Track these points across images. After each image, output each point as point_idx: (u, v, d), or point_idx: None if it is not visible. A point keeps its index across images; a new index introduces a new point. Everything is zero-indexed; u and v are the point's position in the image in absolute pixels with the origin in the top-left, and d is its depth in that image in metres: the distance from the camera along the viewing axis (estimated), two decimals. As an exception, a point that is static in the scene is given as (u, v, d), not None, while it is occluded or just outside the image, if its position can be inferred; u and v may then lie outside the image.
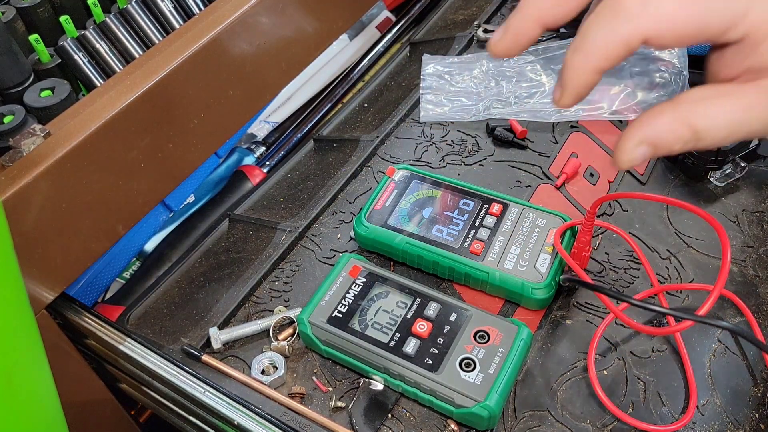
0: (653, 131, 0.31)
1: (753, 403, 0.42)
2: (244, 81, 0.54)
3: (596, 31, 0.31)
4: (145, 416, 0.63)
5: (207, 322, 0.49)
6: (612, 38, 0.31)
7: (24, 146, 0.42)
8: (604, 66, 0.32)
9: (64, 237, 0.44)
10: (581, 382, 0.43)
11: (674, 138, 0.31)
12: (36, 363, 0.35)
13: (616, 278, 0.49)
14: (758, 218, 0.51)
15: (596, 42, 0.31)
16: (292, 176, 0.62)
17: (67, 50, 0.51)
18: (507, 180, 0.56)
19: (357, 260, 0.48)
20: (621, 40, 0.30)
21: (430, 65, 0.66)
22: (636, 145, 0.32)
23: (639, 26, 0.30)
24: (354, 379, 0.45)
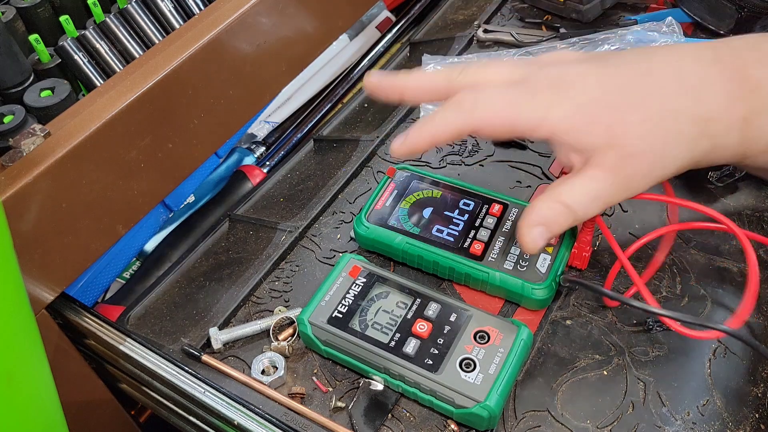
0: (538, 214, 0.41)
1: (753, 403, 0.42)
2: (244, 81, 0.54)
3: (441, 116, 0.43)
4: (145, 416, 0.63)
5: (207, 322, 0.49)
6: (449, 125, 0.42)
7: (24, 146, 0.42)
8: (438, 141, 0.43)
9: (64, 237, 0.44)
10: (581, 382, 0.43)
11: (556, 215, 0.41)
12: (36, 363, 0.35)
13: (616, 278, 0.48)
14: (758, 218, 0.51)
15: (439, 123, 0.43)
16: (292, 176, 0.62)
17: (67, 50, 0.51)
18: (507, 180, 0.56)
19: (357, 260, 0.48)
20: (455, 127, 0.42)
21: (430, 65, 0.66)
22: (530, 228, 0.41)
23: (468, 121, 0.42)
24: (354, 380, 0.45)
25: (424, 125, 0.43)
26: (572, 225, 0.41)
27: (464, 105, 0.42)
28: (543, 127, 0.40)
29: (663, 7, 0.69)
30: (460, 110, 0.42)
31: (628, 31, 0.62)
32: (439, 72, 0.46)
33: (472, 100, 0.42)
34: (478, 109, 0.42)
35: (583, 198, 0.40)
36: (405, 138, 0.44)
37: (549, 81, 0.41)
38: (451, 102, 0.43)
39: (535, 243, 0.41)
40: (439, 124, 0.43)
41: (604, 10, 0.68)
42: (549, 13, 0.71)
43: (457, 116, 0.42)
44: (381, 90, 0.46)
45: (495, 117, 0.41)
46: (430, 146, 0.44)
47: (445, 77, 0.45)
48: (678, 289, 0.47)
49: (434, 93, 0.45)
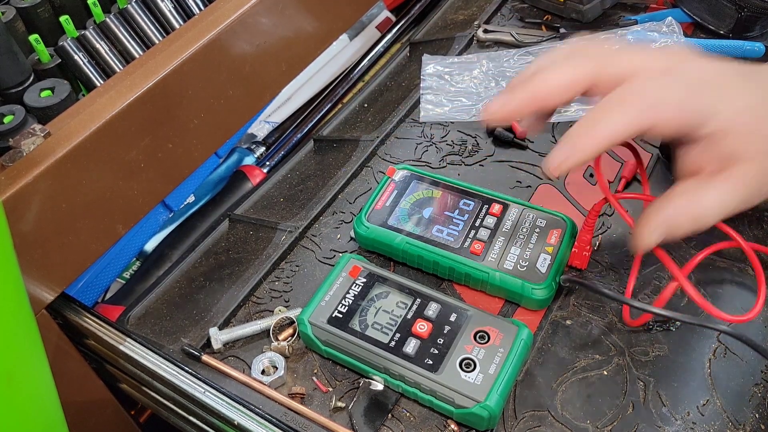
0: (668, 216, 0.38)
1: (753, 403, 0.42)
2: (244, 81, 0.54)
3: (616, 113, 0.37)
4: (145, 416, 0.63)
5: (207, 323, 0.49)
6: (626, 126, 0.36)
7: (24, 146, 0.42)
8: (613, 144, 0.37)
9: (64, 237, 0.44)
10: (581, 382, 0.43)
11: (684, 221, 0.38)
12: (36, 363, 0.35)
13: (616, 278, 0.48)
14: (758, 218, 0.51)
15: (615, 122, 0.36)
16: (292, 176, 0.62)
17: (67, 50, 0.51)
18: (507, 180, 0.56)
19: (357, 260, 0.48)
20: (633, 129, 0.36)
21: (430, 65, 0.66)
22: (657, 227, 0.38)
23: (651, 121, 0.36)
24: (354, 380, 0.45)
25: (598, 125, 0.37)
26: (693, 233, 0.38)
27: (639, 101, 0.37)
28: (709, 124, 0.37)
29: (663, 7, 0.69)
30: (635, 107, 0.37)
31: (628, 31, 0.62)
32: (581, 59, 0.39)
33: (647, 96, 0.37)
34: (656, 106, 0.37)
35: (716, 210, 0.38)
36: (571, 148, 0.37)
37: (705, 74, 0.38)
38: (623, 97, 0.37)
39: (652, 243, 0.39)
40: (618, 122, 0.37)
41: (604, 10, 0.69)
42: (549, 13, 0.71)
43: (635, 116, 0.37)
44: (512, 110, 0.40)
45: (675, 113, 0.37)
46: (601, 152, 0.38)
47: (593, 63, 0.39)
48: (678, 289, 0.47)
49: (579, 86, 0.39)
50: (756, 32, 0.62)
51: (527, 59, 0.64)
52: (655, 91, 0.37)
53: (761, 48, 0.59)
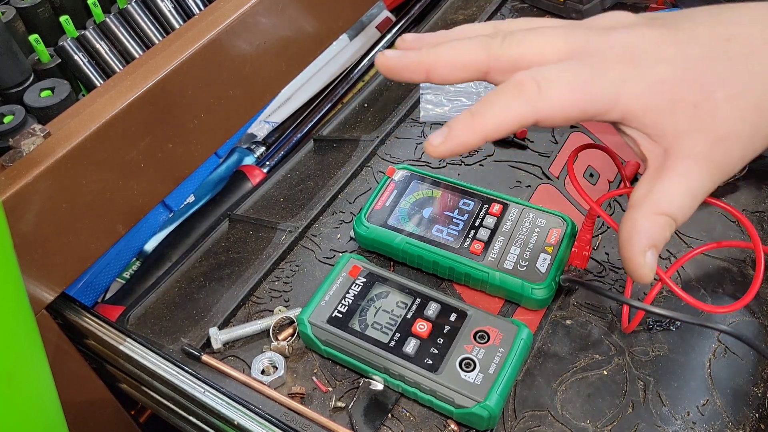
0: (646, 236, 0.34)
1: (753, 403, 0.42)
2: (244, 81, 0.54)
3: (498, 106, 0.34)
4: (145, 416, 0.63)
5: (207, 322, 0.49)
6: (510, 116, 0.34)
7: (24, 146, 0.42)
8: (493, 135, 0.35)
9: (64, 237, 0.44)
10: (581, 382, 0.43)
11: (662, 230, 0.34)
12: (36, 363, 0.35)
13: (616, 278, 0.48)
14: (758, 218, 0.51)
15: (496, 116, 0.34)
16: (292, 176, 0.62)
17: (67, 50, 0.51)
18: (507, 180, 0.56)
19: (357, 260, 0.48)
20: (517, 119, 0.34)
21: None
22: (643, 254, 0.34)
23: (535, 111, 0.34)
24: (354, 379, 0.45)
25: (476, 118, 0.35)
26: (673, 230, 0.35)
27: (526, 91, 0.34)
28: (616, 108, 0.34)
29: (663, 7, 0.68)
30: (521, 98, 0.34)
31: (628, 31, 0.62)
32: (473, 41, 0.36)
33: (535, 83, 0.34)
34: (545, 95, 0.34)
35: (684, 201, 0.34)
36: (448, 135, 0.35)
37: (618, 51, 0.34)
38: (507, 87, 0.35)
39: (652, 269, 0.35)
40: (498, 116, 0.34)
41: (603, 10, 0.68)
42: (549, 13, 0.71)
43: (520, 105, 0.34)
44: (402, 68, 0.37)
45: (564, 102, 0.34)
46: (482, 142, 0.35)
47: (482, 47, 0.36)
48: (678, 289, 0.47)
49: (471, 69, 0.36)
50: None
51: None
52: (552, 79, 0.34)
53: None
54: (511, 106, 0.34)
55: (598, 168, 0.56)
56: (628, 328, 0.45)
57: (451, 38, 0.38)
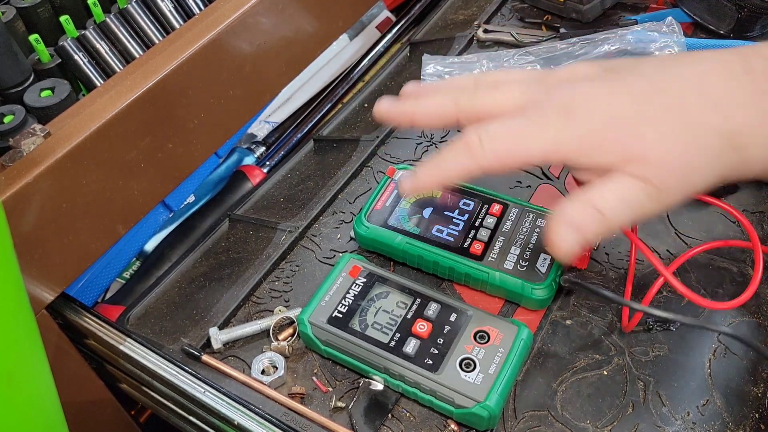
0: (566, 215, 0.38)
1: (753, 403, 0.42)
2: (244, 81, 0.54)
3: (449, 160, 0.41)
4: (145, 416, 0.63)
5: (207, 322, 0.49)
6: (458, 168, 0.40)
7: (24, 146, 0.42)
8: (448, 183, 0.41)
9: (64, 237, 0.44)
10: (581, 382, 0.43)
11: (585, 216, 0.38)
12: (36, 363, 0.35)
13: (616, 278, 0.49)
14: (758, 218, 0.51)
15: (448, 167, 0.41)
16: (292, 176, 0.62)
17: (67, 50, 0.51)
18: (507, 180, 0.56)
19: (357, 260, 0.48)
20: (464, 170, 0.40)
21: (430, 65, 0.66)
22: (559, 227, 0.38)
23: (479, 163, 0.39)
24: (354, 379, 0.45)
25: (434, 168, 0.41)
26: (606, 232, 0.38)
27: (472, 147, 0.40)
28: (554, 155, 0.39)
29: (663, 7, 0.69)
30: (468, 153, 0.40)
31: (628, 31, 0.62)
32: (447, 95, 0.43)
33: (479, 141, 0.39)
34: (486, 151, 0.39)
35: (615, 203, 0.38)
36: (414, 179, 0.42)
37: (556, 105, 0.39)
38: (457, 144, 0.41)
39: (566, 244, 0.38)
40: (449, 167, 0.41)
41: (604, 10, 0.68)
42: (549, 13, 0.71)
43: (466, 159, 0.40)
44: (391, 117, 0.44)
45: (504, 154, 0.39)
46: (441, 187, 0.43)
47: (452, 101, 0.42)
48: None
49: (443, 119, 0.43)
50: (756, 32, 0.62)
51: (527, 59, 0.64)
52: (493, 136, 0.39)
53: (761, 48, 0.59)
54: (458, 159, 0.40)
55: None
56: (628, 327, 0.45)
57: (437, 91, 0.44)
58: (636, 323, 0.44)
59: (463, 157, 0.40)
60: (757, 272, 0.41)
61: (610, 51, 0.61)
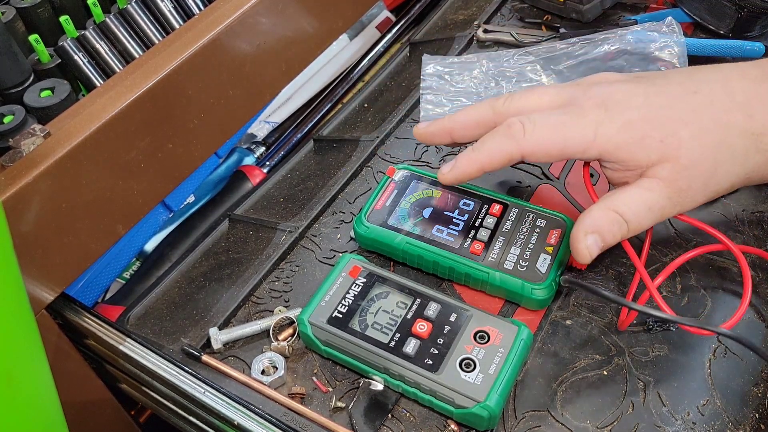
0: (593, 222, 0.41)
1: (753, 403, 0.42)
2: (244, 81, 0.54)
3: (490, 143, 0.43)
4: (145, 416, 0.63)
5: (207, 323, 0.49)
6: (499, 152, 0.42)
7: (24, 146, 0.42)
8: (488, 168, 0.43)
9: (64, 237, 0.44)
10: (581, 382, 0.43)
11: (609, 223, 0.40)
12: (36, 363, 0.35)
13: (616, 278, 0.49)
14: (758, 218, 0.51)
15: (489, 151, 0.43)
16: (292, 176, 0.62)
17: (67, 50, 0.51)
18: (507, 180, 0.56)
19: (357, 260, 0.48)
20: (505, 154, 0.42)
21: (430, 65, 0.66)
22: (585, 235, 0.41)
23: (519, 147, 0.42)
24: (354, 380, 0.45)
25: (474, 153, 0.43)
26: (625, 236, 0.41)
27: (514, 131, 0.42)
28: (593, 147, 0.40)
29: (663, 7, 0.69)
30: (509, 136, 0.42)
31: (628, 31, 0.62)
32: (483, 103, 0.46)
33: (521, 125, 0.42)
34: (528, 134, 0.41)
35: (638, 208, 0.40)
36: (454, 165, 0.44)
37: (596, 101, 0.41)
38: (499, 128, 0.43)
39: (590, 251, 0.41)
40: (490, 151, 0.43)
41: (604, 10, 0.68)
42: (549, 13, 0.71)
43: (508, 143, 0.42)
44: (430, 136, 0.47)
45: (545, 141, 0.41)
46: (479, 173, 0.44)
47: (489, 107, 0.45)
48: (678, 289, 0.47)
49: (481, 126, 0.45)
50: (756, 32, 0.62)
51: (527, 59, 0.64)
52: (535, 121, 0.42)
53: (761, 48, 0.59)
54: (501, 143, 0.42)
55: (598, 168, 0.56)
56: (623, 324, 0.45)
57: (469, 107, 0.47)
58: (630, 322, 0.44)
59: (505, 141, 0.42)
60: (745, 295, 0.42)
61: (610, 51, 0.61)
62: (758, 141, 0.40)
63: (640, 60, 0.61)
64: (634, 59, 0.61)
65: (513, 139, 0.42)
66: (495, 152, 0.42)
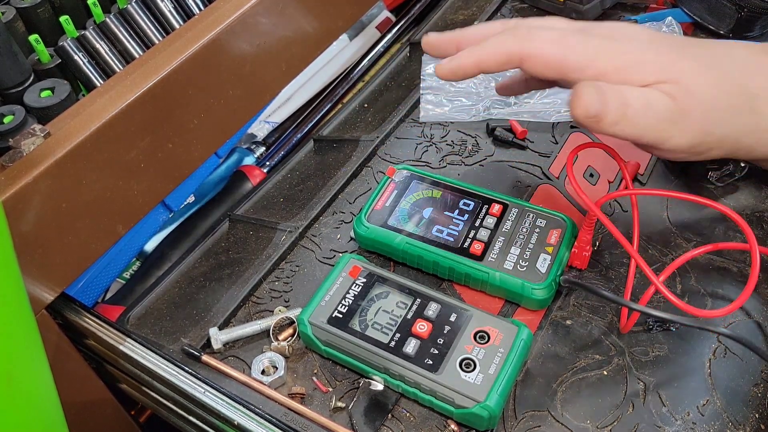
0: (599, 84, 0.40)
1: (753, 403, 0.42)
2: (244, 81, 0.54)
3: (493, 40, 0.43)
4: (145, 416, 0.63)
5: (207, 323, 0.49)
6: (500, 48, 0.43)
7: (24, 146, 0.42)
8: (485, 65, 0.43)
9: (64, 237, 0.44)
10: (581, 382, 0.43)
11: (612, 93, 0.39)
12: (36, 363, 0.35)
13: (616, 278, 0.48)
14: (758, 218, 0.51)
15: (489, 46, 0.43)
16: (292, 176, 0.62)
17: (67, 50, 0.51)
18: (507, 180, 0.56)
19: (357, 260, 0.48)
20: (504, 52, 0.42)
21: (430, 65, 0.66)
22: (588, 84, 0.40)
23: (521, 47, 0.42)
24: (354, 380, 0.45)
25: (475, 48, 0.43)
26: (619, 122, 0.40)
27: (519, 32, 0.42)
28: (592, 66, 0.41)
29: (663, 7, 0.69)
30: (514, 36, 0.42)
31: (628, 31, 0.62)
32: (495, 21, 0.47)
33: (528, 29, 0.43)
34: (533, 38, 0.42)
35: (638, 100, 0.40)
36: (452, 58, 0.44)
37: (603, 31, 0.43)
38: (505, 30, 0.43)
39: (587, 98, 0.39)
40: (492, 46, 0.43)
41: (604, 10, 0.68)
42: (549, 13, 0.71)
43: (510, 41, 0.42)
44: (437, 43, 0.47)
45: (547, 49, 0.41)
46: (476, 70, 0.43)
47: (501, 24, 0.46)
48: (678, 289, 0.47)
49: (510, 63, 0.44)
50: (756, 32, 0.62)
51: None
52: (542, 30, 0.42)
53: (761, 48, 0.59)
54: (504, 41, 0.42)
55: (598, 168, 0.56)
56: (625, 328, 0.45)
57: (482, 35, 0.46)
58: (633, 324, 0.44)
59: (508, 39, 0.42)
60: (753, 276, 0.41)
61: (610, 51, 0.61)
62: (753, 101, 0.41)
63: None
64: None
65: (516, 39, 0.42)
66: (495, 48, 0.42)
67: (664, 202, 0.53)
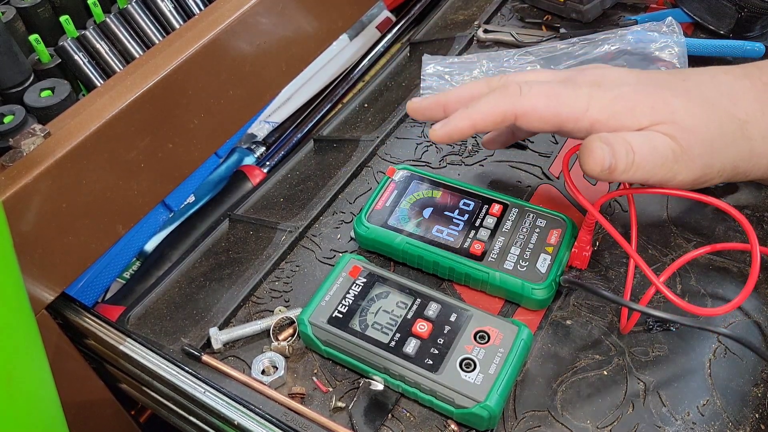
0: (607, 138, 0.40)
1: (753, 403, 0.42)
2: (244, 81, 0.54)
3: (485, 101, 0.43)
4: (145, 416, 0.63)
5: (207, 322, 0.49)
6: (494, 109, 0.43)
7: (24, 146, 0.42)
8: (480, 126, 0.43)
9: (64, 237, 0.44)
10: (581, 382, 0.43)
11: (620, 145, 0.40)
12: (36, 363, 0.35)
13: (616, 278, 0.48)
14: (758, 218, 0.51)
15: (483, 107, 0.43)
16: (292, 176, 0.62)
17: (67, 50, 0.51)
18: (507, 180, 0.56)
19: (357, 260, 0.48)
20: (499, 112, 0.43)
21: (430, 65, 0.66)
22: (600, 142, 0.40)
23: (514, 106, 0.42)
24: (354, 380, 0.45)
25: (468, 110, 0.43)
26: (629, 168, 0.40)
27: (510, 91, 0.43)
28: (586, 117, 0.41)
29: (663, 7, 0.69)
30: (506, 95, 0.42)
31: (628, 31, 0.62)
32: (479, 80, 0.47)
33: (518, 86, 0.43)
34: (524, 95, 0.42)
35: (643, 145, 0.40)
36: (446, 122, 0.44)
37: (590, 79, 0.43)
38: (497, 89, 0.43)
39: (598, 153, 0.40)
40: (485, 107, 0.43)
41: (604, 10, 0.68)
42: (549, 13, 0.71)
43: (503, 101, 0.42)
44: (423, 110, 0.47)
45: (541, 104, 0.42)
46: (471, 131, 0.44)
47: (485, 84, 0.46)
48: (678, 289, 0.47)
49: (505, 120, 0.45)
50: (756, 32, 0.62)
51: (527, 59, 0.64)
52: (533, 86, 0.43)
53: (761, 48, 0.59)
54: (496, 101, 0.43)
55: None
56: (625, 329, 0.45)
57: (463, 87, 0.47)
58: (633, 324, 0.44)
59: (500, 99, 0.43)
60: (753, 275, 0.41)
61: (610, 51, 0.61)
62: (743, 127, 0.41)
63: (640, 60, 0.61)
64: (634, 59, 0.61)
65: (508, 98, 0.42)
66: (489, 109, 0.43)
67: (664, 202, 0.53)
